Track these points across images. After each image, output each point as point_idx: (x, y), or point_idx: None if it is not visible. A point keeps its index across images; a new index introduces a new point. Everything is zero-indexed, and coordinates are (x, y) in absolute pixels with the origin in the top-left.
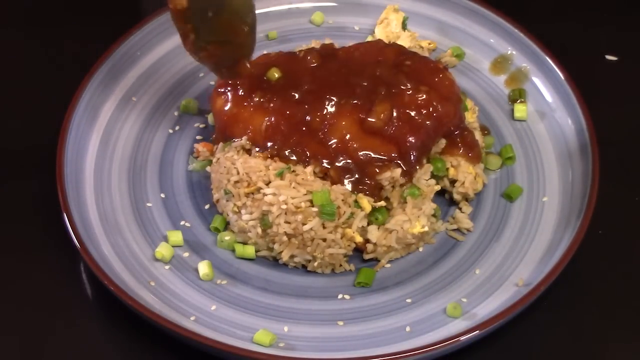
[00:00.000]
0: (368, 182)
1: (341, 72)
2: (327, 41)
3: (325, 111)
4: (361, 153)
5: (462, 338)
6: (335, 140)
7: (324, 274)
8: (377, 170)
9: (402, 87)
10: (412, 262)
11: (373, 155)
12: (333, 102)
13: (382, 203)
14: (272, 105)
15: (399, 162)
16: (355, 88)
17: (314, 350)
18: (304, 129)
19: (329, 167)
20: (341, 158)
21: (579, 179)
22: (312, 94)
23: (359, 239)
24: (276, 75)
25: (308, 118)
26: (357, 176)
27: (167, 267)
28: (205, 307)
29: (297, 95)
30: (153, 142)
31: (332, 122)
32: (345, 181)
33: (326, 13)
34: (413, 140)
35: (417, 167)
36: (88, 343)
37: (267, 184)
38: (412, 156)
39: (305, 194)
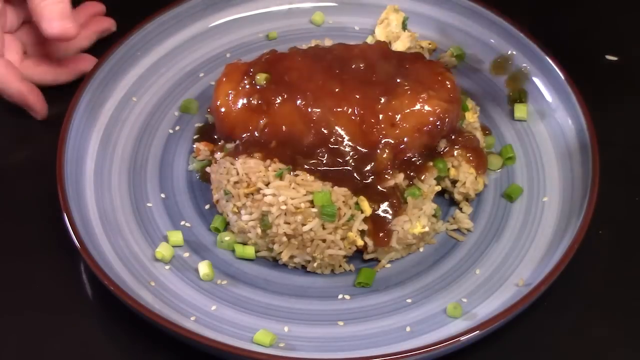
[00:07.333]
0: (371, 189)
1: (340, 76)
2: (327, 41)
3: (325, 124)
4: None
5: (462, 338)
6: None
7: (324, 274)
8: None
9: (402, 89)
10: (413, 262)
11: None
12: (332, 115)
13: None
14: (270, 109)
15: (402, 167)
16: (355, 94)
17: (314, 350)
18: (303, 136)
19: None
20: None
21: (579, 179)
22: (311, 101)
23: (360, 242)
24: (264, 81)
25: (310, 137)
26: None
27: (167, 267)
28: (205, 307)
29: (295, 102)
30: (153, 142)
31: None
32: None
33: (326, 13)
34: (414, 146)
35: (423, 172)
36: (88, 343)
37: (267, 184)
38: (415, 162)
39: (305, 195)
